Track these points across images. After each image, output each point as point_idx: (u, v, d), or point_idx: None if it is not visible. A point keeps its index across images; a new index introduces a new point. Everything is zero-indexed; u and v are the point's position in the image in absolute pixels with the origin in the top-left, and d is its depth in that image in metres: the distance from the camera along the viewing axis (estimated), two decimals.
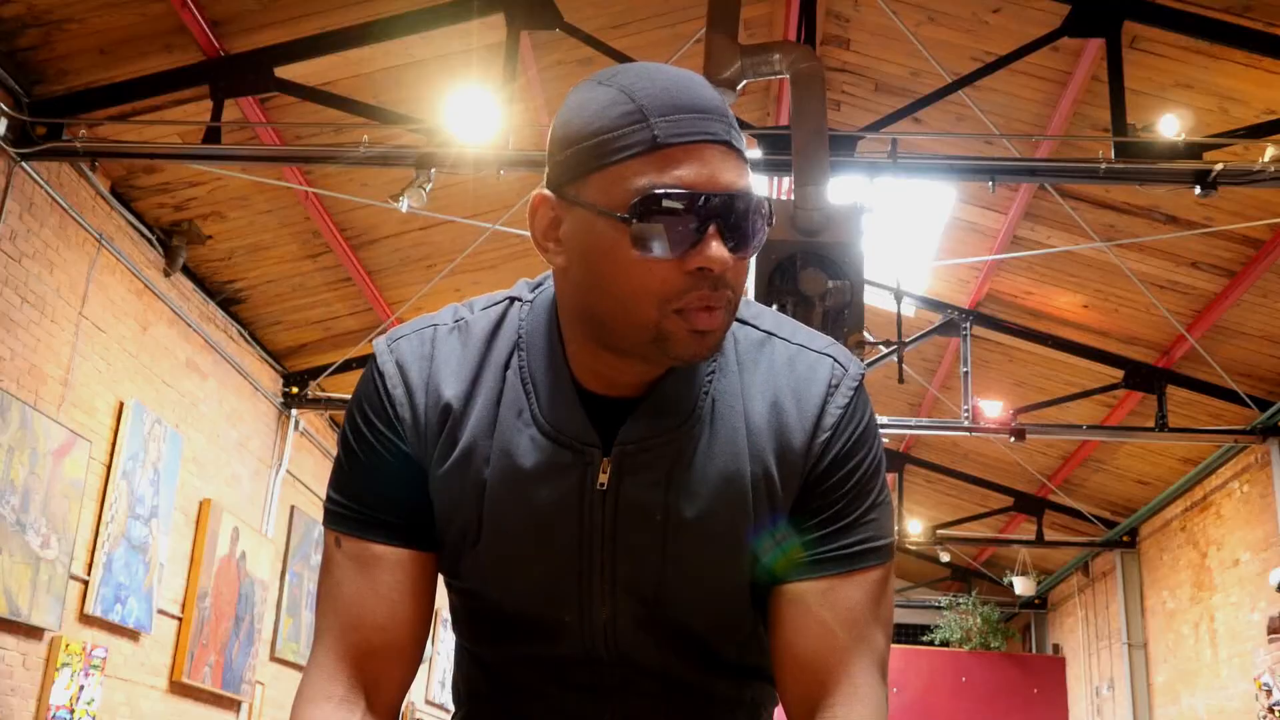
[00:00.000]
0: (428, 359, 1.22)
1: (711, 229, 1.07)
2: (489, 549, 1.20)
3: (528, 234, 1.19)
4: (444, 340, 1.24)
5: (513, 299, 1.26)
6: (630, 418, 1.17)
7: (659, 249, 1.06)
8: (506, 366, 1.21)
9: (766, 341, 1.23)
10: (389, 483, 1.22)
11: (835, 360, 1.23)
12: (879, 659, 1.21)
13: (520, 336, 1.22)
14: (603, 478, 1.17)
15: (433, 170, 5.96)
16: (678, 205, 1.05)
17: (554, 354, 1.19)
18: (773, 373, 1.21)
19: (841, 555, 1.20)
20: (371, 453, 1.22)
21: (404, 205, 6.12)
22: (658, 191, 1.05)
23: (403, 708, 1.36)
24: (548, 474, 1.17)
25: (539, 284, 1.27)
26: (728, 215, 1.07)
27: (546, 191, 1.14)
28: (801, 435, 1.19)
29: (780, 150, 5.97)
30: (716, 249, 1.06)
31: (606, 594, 1.20)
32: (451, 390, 1.20)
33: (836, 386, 1.21)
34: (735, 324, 1.23)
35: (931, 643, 15.00)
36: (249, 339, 8.52)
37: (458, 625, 1.35)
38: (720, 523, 1.18)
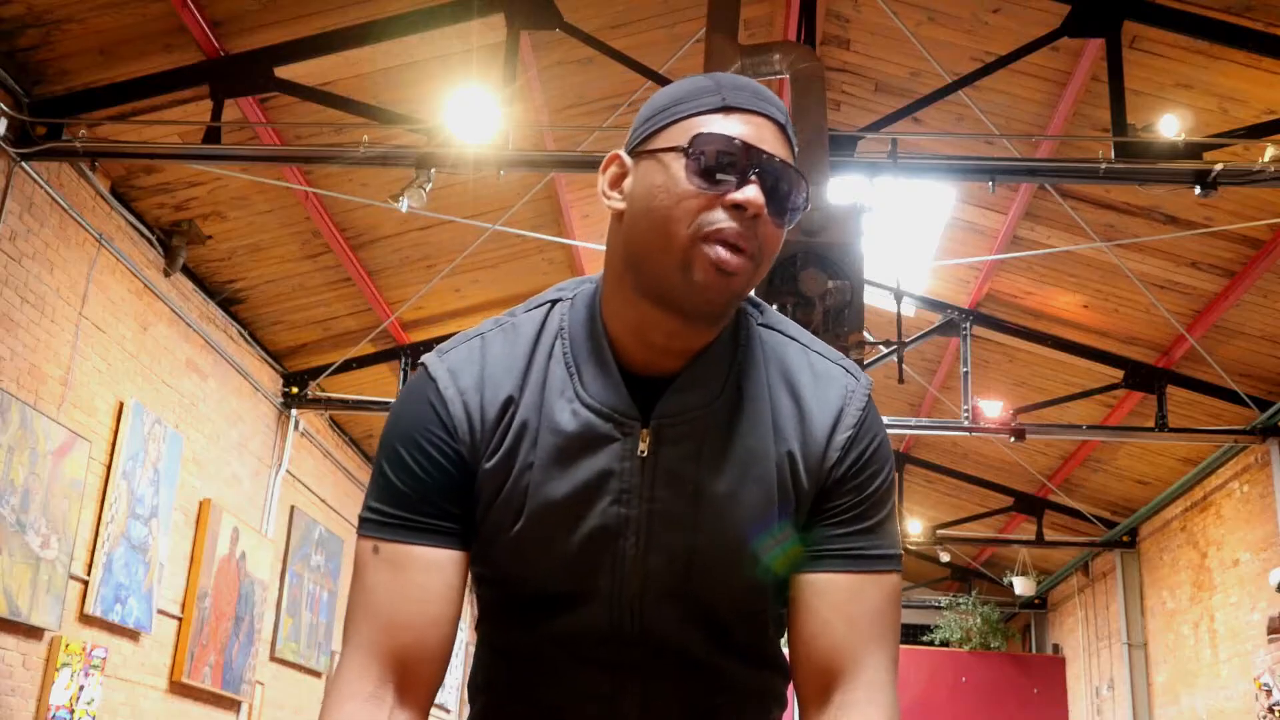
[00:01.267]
0: (478, 362, 1.31)
1: (753, 177, 1.22)
2: (531, 522, 1.27)
3: (527, 234, 1.25)
4: (492, 343, 1.33)
5: (554, 301, 1.37)
6: (667, 393, 1.28)
7: (707, 177, 1.21)
8: (550, 356, 1.31)
9: (789, 344, 1.36)
10: (433, 485, 1.29)
11: (849, 370, 1.35)
12: (893, 660, 1.30)
13: (563, 327, 1.33)
14: (643, 446, 1.27)
15: (432, 170, 5.96)
16: (729, 149, 1.22)
17: (596, 337, 1.30)
18: (796, 370, 1.33)
19: (867, 556, 1.30)
20: (419, 454, 1.29)
21: (404, 205, 6.12)
22: (717, 132, 1.23)
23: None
24: (591, 444, 1.27)
25: (579, 284, 1.38)
26: (770, 172, 1.23)
27: (619, 151, 1.31)
28: (824, 429, 1.30)
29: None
30: (755, 193, 1.21)
31: (639, 562, 1.27)
32: (507, 385, 1.30)
33: (854, 392, 1.33)
34: (761, 328, 1.36)
35: (931, 643, 15.00)
36: (249, 339, 8.52)
37: (484, 618, 1.39)
38: (747, 499, 1.27)
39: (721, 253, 1.20)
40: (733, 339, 1.33)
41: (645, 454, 1.27)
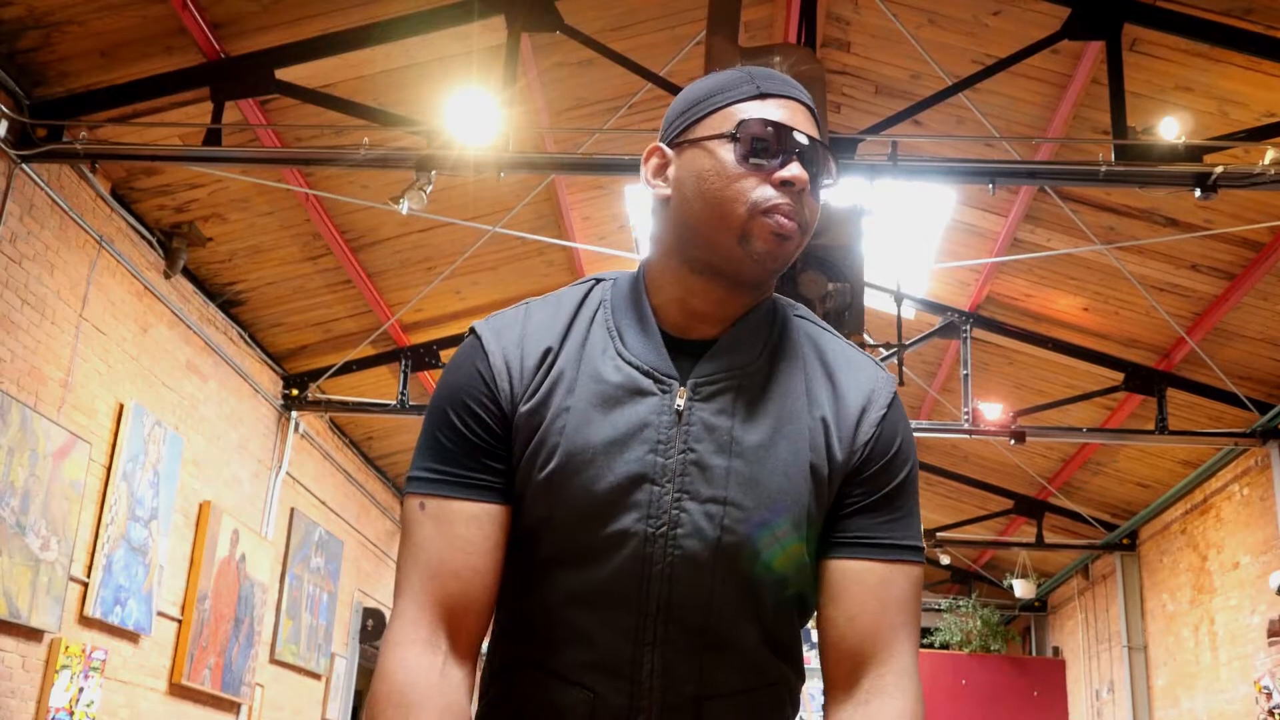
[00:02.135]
0: (521, 323, 1.42)
1: (795, 156, 1.35)
2: (564, 461, 1.33)
3: (529, 236, 1.28)
4: (537, 309, 1.43)
5: (597, 280, 1.47)
6: (705, 356, 1.37)
7: (756, 159, 1.34)
8: (592, 322, 1.41)
9: (824, 332, 1.47)
10: (476, 440, 1.37)
11: (877, 364, 1.46)
12: (916, 648, 1.38)
13: (605, 299, 1.43)
14: (679, 402, 1.35)
15: (433, 172, 5.96)
16: (773, 132, 1.35)
17: (639, 305, 1.41)
18: (830, 353, 1.43)
19: (899, 545, 1.38)
20: (463, 412, 1.37)
21: (404, 207, 6.12)
22: (759, 117, 1.35)
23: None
24: (630, 395, 1.35)
25: (620, 272, 1.49)
26: (807, 151, 1.36)
27: (659, 143, 1.42)
28: (856, 406, 1.39)
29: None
30: (799, 169, 1.34)
31: (671, 508, 1.32)
32: (548, 339, 1.39)
33: (883, 380, 1.43)
34: (797, 317, 1.47)
35: (931, 645, 15.00)
36: (249, 341, 8.52)
37: (507, 593, 1.41)
38: (779, 454, 1.34)
39: (780, 224, 1.33)
40: (770, 316, 1.43)
41: (681, 409, 1.34)
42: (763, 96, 1.37)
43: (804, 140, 1.36)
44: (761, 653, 1.37)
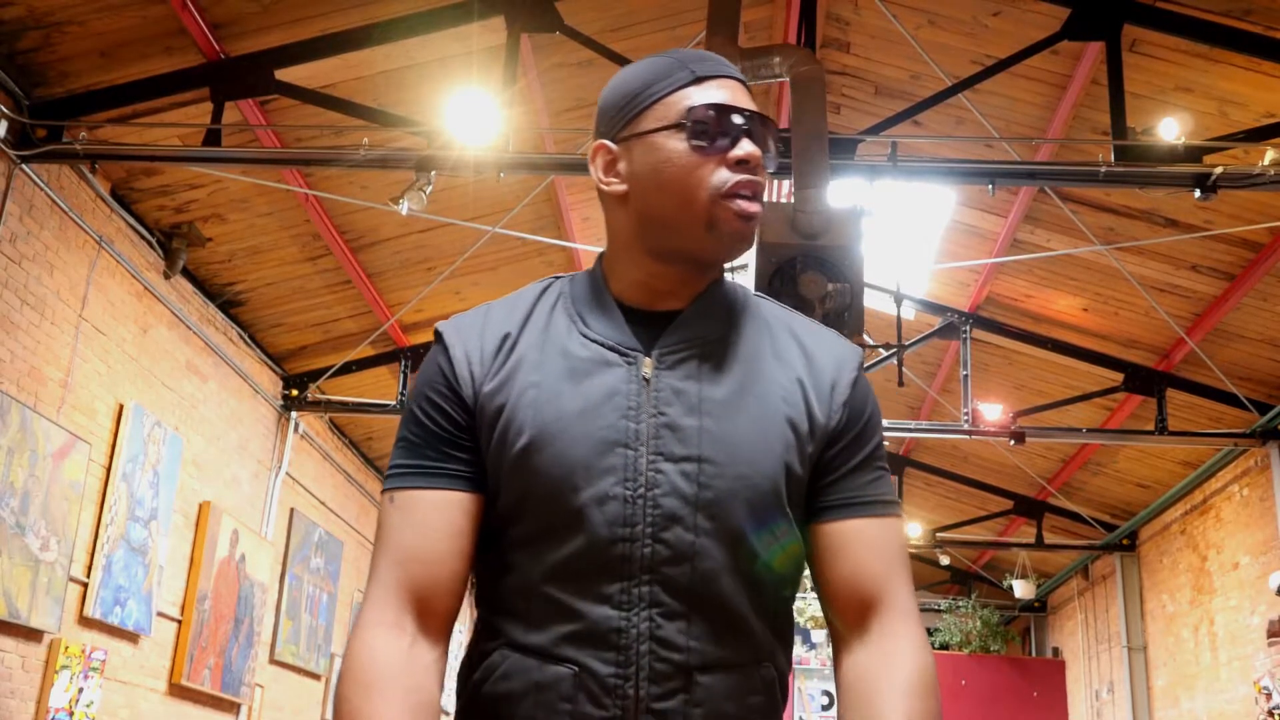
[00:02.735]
0: (482, 317, 1.46)
1: (744, 134, 1.38)
2: (538, 432, 1.35)
3: (529, 237, 1.28)
4: (496, 306, 1.47)
5: (556, 278, 1.51)
6: (669, 328, 1.41)
7: (710, 143, 1.37)
8: (553, 310, 1.44)
9: (785, 309, 1.51)
10: (438, 430, 1.40)
11: (840, 335, 1.50)
12: (913, 589, 1.44)
13: (564, 291, 1.47)
14: (646, 370, 1.38)
15: (433, 173, 5.96)
16: (720, 115, 1.38)
17: (598, 290, 1.44)
18: (796, 324, 1.48)
19: (885, 501, 1.44)
20: (427, 405, 1.41)
21: (404, 208, 6.12)
22: (705, 103, 1.38)
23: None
24: (596, 369, 1.38)
25: (574, 274, 1.53)
26: (754, 125, 1.39)
27: (602, 140, 1.44)
28: (830, 368, 1.43)
29: (780, 153, 5.97)
30: (751, 145, 1.38)
31: (647, 466, 1.34)
32: (507, 326, 1.43)
33: (850, 349, 1.47)
34: (757, 297, 1.51)
35: (931, 645, 14.98)
36: (249, 341, 8.52)
37: (489, 567, 1.41)
38: (750, 410, 1.37)
39: (744, 204, 1.37)
40: (731, 291, 1.48)
41: (649, 376, 1.37)
42: (699, 80, 1.40)
43: (750, 117, 1.39)
44: (752, 623, 1.36)
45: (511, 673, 1.34)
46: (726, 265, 1.46)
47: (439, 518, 1.38)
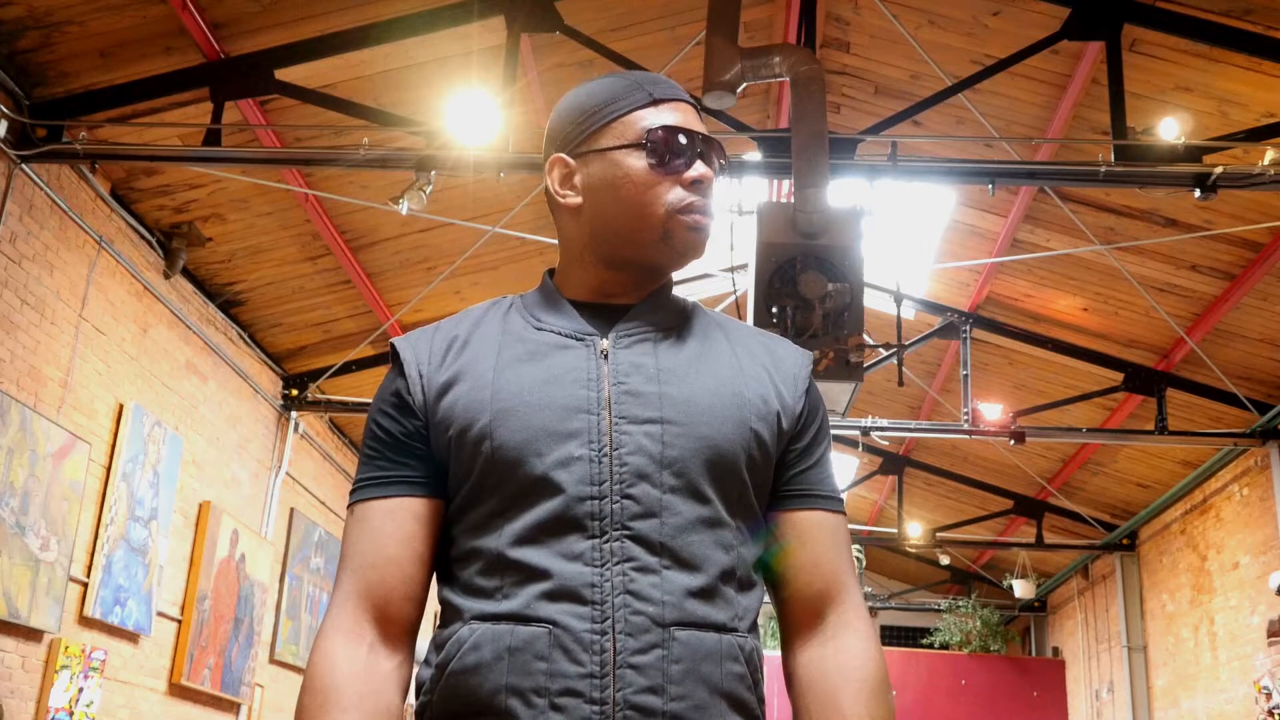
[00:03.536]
0: (433, 328, 1.51)
1: (698, 156, 1.47)
2: (502, 404, 1.39)
3: (529, 236, 1.29)
4: (447, 320, 1.53)
5: (504, 296, 1.57)
6: (624, 317, 1.47)
7: (667, 163, 1.45)
8: (506, 315, 1.50)
9: (738, 321, 1.59)
10: (391, 440, 1.44)
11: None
12: (860, 584, 1.51)
13: (516, 301, 1.53)
14: (604, 347, 1.44)
15: (433, 173, 5.96)
16: (675, 136, 1.46)
17: (550, 293, 1.51)
18: (752, 330, 1.56)
19: (837, 497, 1.51)
20: (382, 418, 1.46)
21: (404, 208, 6.12)
22: (663, 125, 1.47)
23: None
24: (555, 351, 1.44)
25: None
26: (707, 147, 1.49)
27: (559, 154, 1.51)
28: (789, 361, 1.51)
29: (780, 153, 5.97)
30: (704, 168, 1.47)
31: (611, 428, 1.38)
32: (457, 330, 1.48)
33: (807, 353, 1.55)
34: (707, 310, 1.59)
35: (931, 645, 14.99)
36: (249, 341, 8.52)
37: (455, 550, 1.41)
38: (707, 381, 1.43)
39: (697, 218, 1.45)
40: (681, 298, 1.56)
41: (607, 352, 1.43)
42: (656, 102, 1.48)
43: (703, 140, 1.48)
44: (726, 586, 1.37)
45: (481, 642, 1.32)
46: (725, 268, 1.55)
47: (393, 524, 1.41)
